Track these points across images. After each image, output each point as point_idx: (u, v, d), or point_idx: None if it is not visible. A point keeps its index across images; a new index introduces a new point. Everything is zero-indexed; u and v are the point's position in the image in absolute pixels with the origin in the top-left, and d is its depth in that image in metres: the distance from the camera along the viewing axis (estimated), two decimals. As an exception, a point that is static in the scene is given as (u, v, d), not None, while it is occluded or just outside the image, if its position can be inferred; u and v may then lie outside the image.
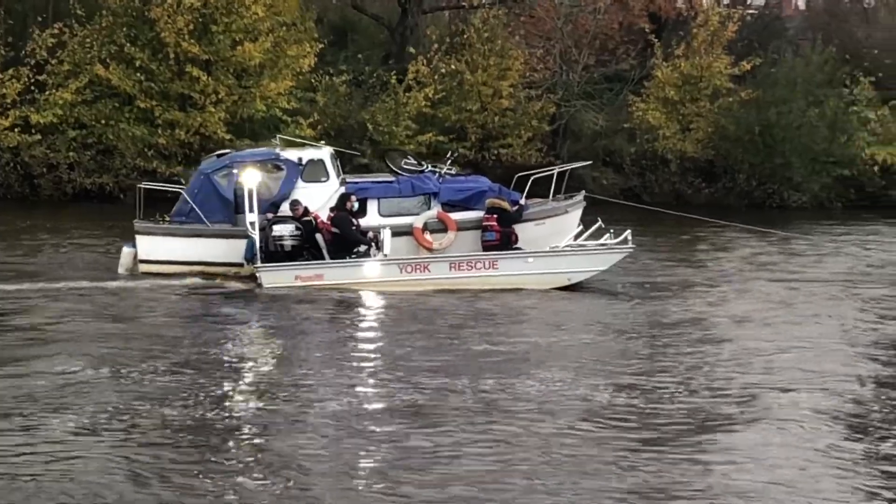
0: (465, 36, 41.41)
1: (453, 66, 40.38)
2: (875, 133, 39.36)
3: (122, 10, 37.69)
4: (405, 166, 28.59)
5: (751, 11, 49.93)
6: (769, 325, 20.55)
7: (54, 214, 35.03)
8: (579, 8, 44.05)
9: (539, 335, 20.34)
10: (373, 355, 18.24)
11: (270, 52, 38.24)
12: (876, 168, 39.11)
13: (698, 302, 23.63)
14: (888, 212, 37.42)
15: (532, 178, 27.53)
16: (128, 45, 37.06)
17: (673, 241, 30.90)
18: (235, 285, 24.96)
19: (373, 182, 27.74)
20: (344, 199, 25.45)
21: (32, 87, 37.59)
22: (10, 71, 37.29)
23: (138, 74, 37.10)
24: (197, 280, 25.35)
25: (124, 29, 37.39)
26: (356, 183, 27.13)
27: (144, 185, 27.49)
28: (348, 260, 25.10)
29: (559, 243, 25.63)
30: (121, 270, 25.79)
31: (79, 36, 37.36)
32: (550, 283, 25.24)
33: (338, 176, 27.00)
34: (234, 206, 26.08)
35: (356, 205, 25.55)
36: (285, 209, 25.30)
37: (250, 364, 18.39)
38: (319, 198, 25.94)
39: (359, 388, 15.88)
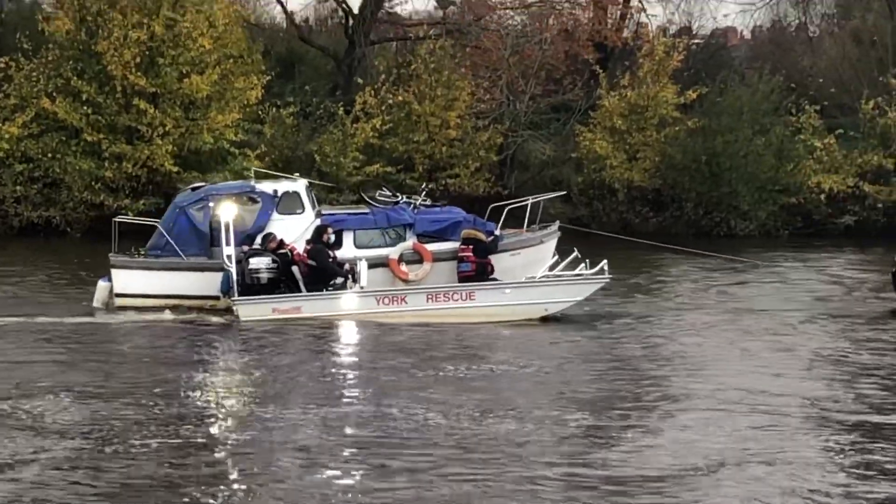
0: (412, 67, 41.04)
1: (400, 97, 40.05)
2: (820, 161, 38.75)
3: (69, 43, 37.32)
4: (380, 198, 28.96)
5: (696, 41, 50.03)
6: (722, 349, 20.73)
7: (1, 249, 34.91)
8: (525, 38, 43.78)
9: (511, 365, 20.13)
10: (348, 388, 18.30)
11: (217, 85, 37.67)
12: (822, 196, 38.51)
13: (665, 327, 23.81)
14: (835, 240, 37.86)
15: (507, 208, 27.54)
16: (74, 78, 36.61)
17: (633, 269, 30.35)
18: (212, 318, 24.92)
19: (348, 214, 27.72)
20: (320, 231, 25.46)
21: None
22: None
23: (85, 108, 36.53)
24: (172, 314, 25.07)
25: (71, 62, 37.00)
26: (332, 215, 27.23)
27: (119, 219, 27.38)
28: (325, 292, 25.14)
29: (535, 274, 25.88)
30: (96, 304, 25.83)
31: (25, 69, 36.99)
32: (527, 315, 25.16)
33: (313, 208, 26.99)
34: (209, 239, 26.27)
35: (332, 237, 25.55)
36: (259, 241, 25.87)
37: (223, 396, 18.24)
38: (295, 230, 26.04)
39: (331, 421, 15.50)
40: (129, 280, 26.34)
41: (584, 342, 23.33)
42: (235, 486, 13.17)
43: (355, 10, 46.94)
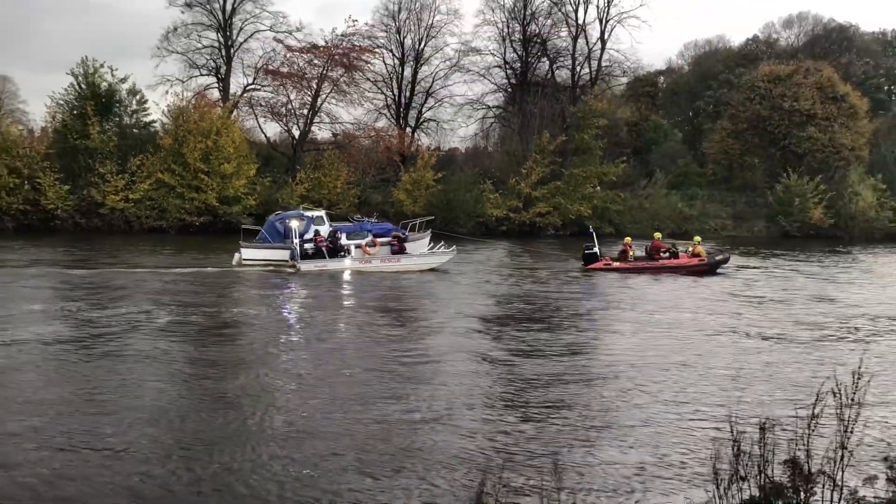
0: (321, 161, 57.97)
1: (315, 173, 56.31)
2: (491, 202, 55.69)
3: (170, 148, 52.28)
4: (355, 219, 36.91)
5: (441, 152, 64.17)
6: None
7: (160, 242, 44.42)
8: (370, 150, 60.96)
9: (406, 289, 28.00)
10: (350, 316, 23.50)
11: (235, 167, 52.47)
12: (493, 218, 55.30)
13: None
14: (501, 238, 51.19)
15: (409, 224, 36.62)
16: (172, 164, 51.88)
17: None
18: (287, 270, 32.81)
19: (343, 225, 35.50)
20: (333, 233, 33.53)
21: (131, 181, 51.72)
22: (119, 176, 51.26)
23: (177, 177, 51.75)
24: (270, 268, 32.65)
25: (171, 156, 52.12)
26: (338, 226, 35.02)
27: (244, 226, 37.06)
28: (337, 259, 32.62)
29: (423, 251, 34.61)
30: (233, 263, 33.22)
31: (150, 160, 52.21)
32: (424, 267, 33.07)
33: (329, 223, 35.11)
34: (283, 236, 34.25)
35: (342, 236, 33.52)
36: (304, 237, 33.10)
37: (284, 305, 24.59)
38: (323, 232, 33.71)
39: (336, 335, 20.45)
40: (249, 253, 33.77)
41: (440, 281, 31.25)
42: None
43: (296, 136, 62.00)
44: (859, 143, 66.61)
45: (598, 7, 70.73)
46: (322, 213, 35.86)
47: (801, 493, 7.22)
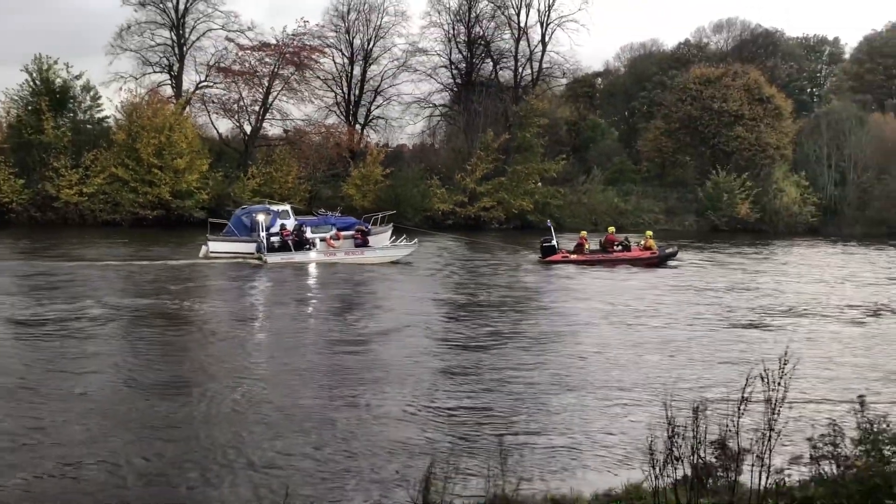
0: (272, 156, 57.49)
1: (267, 169, 56.07)
2: (438, 197, 56.14)
3: (123, 143, 51.77)
4: (319, 212, 37.83)
5: (389, 149, 64.33)
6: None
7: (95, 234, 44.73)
8: (320, 146, 60.06)
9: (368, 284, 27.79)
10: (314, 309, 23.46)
11: (188, 162, 52.19)
12: (440, 212, 55.67)
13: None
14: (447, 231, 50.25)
15: (372, 218, 36.71)
16: (125, 159, 51.49)
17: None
18: (252, 262, 33.16)
19: (308, 219, 36.34)
20: (299, 226, 34.43)
21: (85, 176, 50.93)
22: (73, 170, 50.47)
23: (130, 172, 51.28)
24: (237, 260, 32.92)
25: (124, 151, 51.73)
26: (302, 220, 35.75)
27: (211, 220, 37.12)
28: (303, 251, 33.30)
29: (386, 244, 35.09)
30: (200, 256, 33.45)
31: (104, 155, 51.78)
32: (386, 260, 33.63)
33: (295, 216, 35.78)
34: (250, 229, 34.74)
35: (307, 229, 34.15)
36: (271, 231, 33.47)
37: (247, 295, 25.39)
38: (288, 226, 34.61)
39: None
40: (216, 246, 34.16)
41: (404, 274, 31.37)
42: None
43: (248, 132, 61.59)
44: (784, 142, 67.82)
45: (539, 11, 70.16)
46: (287, 207, 36.16)
47: (731, 472, 7.41)
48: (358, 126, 66.49)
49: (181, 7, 60.98)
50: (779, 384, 7.28)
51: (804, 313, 23.00)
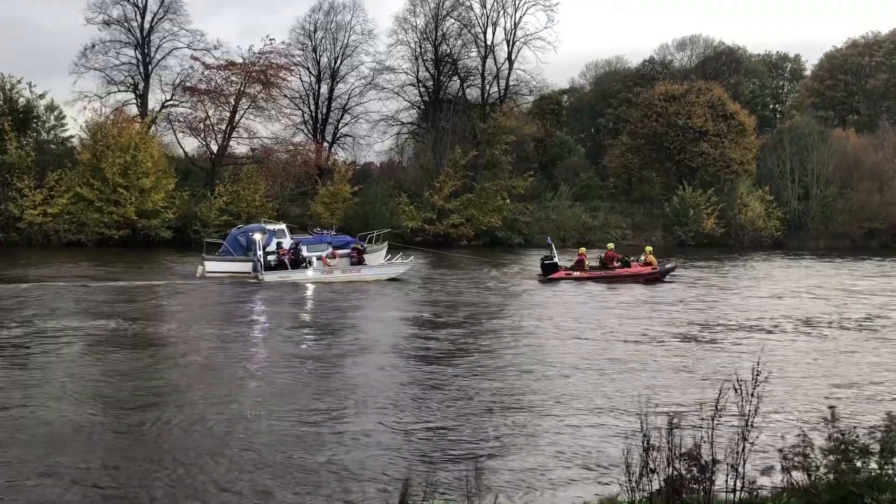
0: (239, 175, 57.48)
1: (234, 187, 55.71)
2: (407, 214, 56.53)
3: (88, 162, 50.97)
4: (315, 231, 37.84)
5: (357, 166, 65.84)
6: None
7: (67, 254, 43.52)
8: (288, 164, 59.87)
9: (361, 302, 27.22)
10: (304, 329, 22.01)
11: (154, 182, 51.42)
12: (409, 230, 55.10)
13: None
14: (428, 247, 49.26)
15: (367, 236, 37.26)
16: (90, 179, 50.47)
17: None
18: (250, 281, 33.10)
19: (304, 237, 35.85)
20: (295, 245, 34.21)
21: (49, 196, 49.99)
22: (37, 190, 49.41)
23: (96, 192, 50.22)
24: (232, 280, 32.77)
25: (89, 171, 50.77)
26: (299, 238, 35.43)
27: (207, 239, 37.87)
28: (299, 270, 32.97)
29: (381, 262, 35.17)
30: (197, 275, 33.52)
31: (68, 175, 50.88)
32: (381, 277, 33.46)
33: (290, 235, 35.61)
34: (247, 249, 34.66)
35: (303, 248, 33.90)
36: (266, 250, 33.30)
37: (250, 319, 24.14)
38: (285, 245, 34.41)
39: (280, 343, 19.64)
40: (213, 265, 34.10)
41: (399, 292, 30.55)
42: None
43: (215, 150, 60.64)
44: (747, 157, 68.62)
45: (505, 29, 70.79)
46: (283, 226, 36.05)
47: (705, 482, 7.41)
48: (326, 144, 66.61)
49: (146, 26, 60.71)
50: (752, 395, 7.35)
51: (772, 328, 23.16)
